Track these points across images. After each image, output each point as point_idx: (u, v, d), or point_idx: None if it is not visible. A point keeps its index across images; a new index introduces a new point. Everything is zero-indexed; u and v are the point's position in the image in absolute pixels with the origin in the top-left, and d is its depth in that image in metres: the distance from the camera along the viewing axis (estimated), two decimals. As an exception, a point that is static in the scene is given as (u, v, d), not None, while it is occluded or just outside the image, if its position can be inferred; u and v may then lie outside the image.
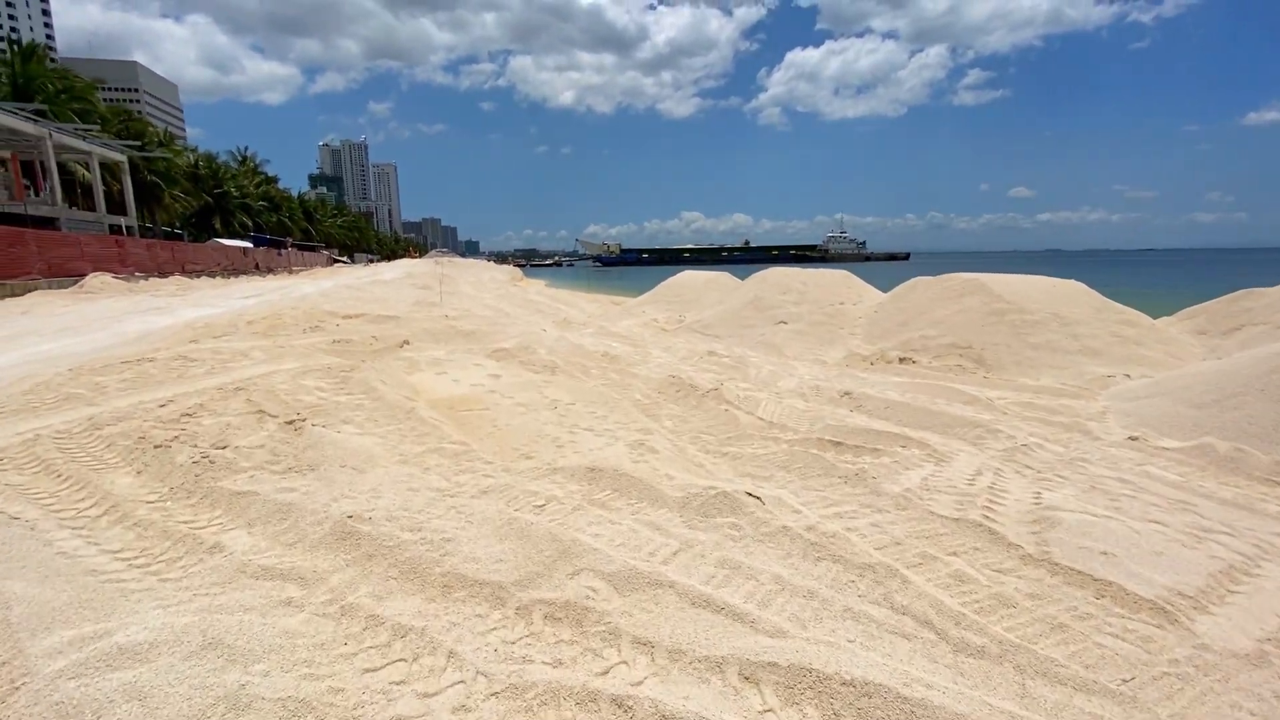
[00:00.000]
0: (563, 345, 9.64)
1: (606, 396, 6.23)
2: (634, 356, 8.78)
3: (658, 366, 8.02)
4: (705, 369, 8.00)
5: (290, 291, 19.34)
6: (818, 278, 12.94)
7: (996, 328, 8.89)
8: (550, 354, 8.76)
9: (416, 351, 8.37)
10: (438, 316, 12.66)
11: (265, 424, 4.23)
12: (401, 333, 9.92)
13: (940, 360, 8.56)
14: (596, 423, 5.24)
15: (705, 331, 12.17)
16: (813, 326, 11.07)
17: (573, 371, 7.58)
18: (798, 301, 12.02)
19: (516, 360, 8.14)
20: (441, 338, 10.04)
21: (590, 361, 8.32)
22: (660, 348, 9.92)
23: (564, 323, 14.80)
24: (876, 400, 5.89)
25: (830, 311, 11.54)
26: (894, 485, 3.68)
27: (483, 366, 7.47)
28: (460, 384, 6.43)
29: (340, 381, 5.66)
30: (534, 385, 6.63)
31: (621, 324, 15.40)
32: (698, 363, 8.49)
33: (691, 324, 13.06)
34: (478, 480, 3.56)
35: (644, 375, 7.37)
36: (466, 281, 32.72)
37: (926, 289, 11.04)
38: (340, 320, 11.13)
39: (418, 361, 7.30)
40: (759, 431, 5.02)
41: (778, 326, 11.22)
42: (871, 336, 10.49)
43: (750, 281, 13.86)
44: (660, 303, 19.91)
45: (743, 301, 12.70)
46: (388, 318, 11.61)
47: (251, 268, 36.60)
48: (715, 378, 7.40)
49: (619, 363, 8.21)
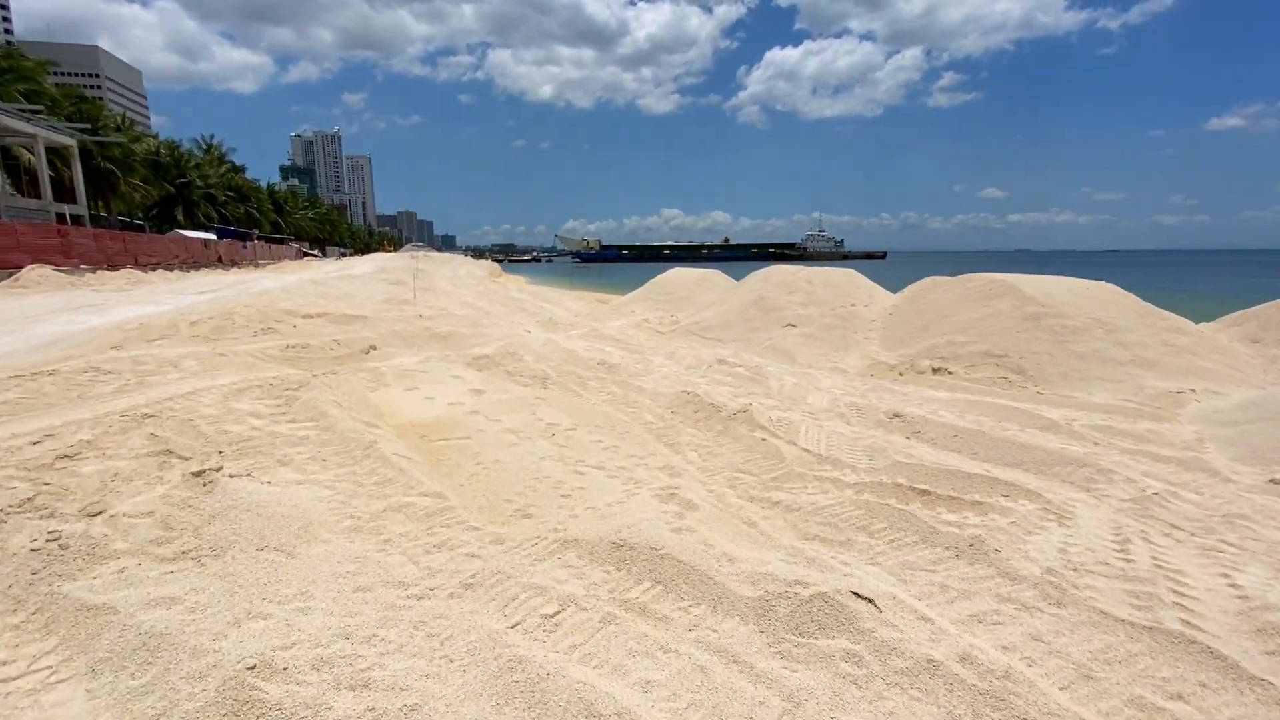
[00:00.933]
0: (552, 351, 8.57)
1: (612, 419, 5.20)
2: (635, 365, 7.76)
3: (664, 378, 7.00)
4: (719, 381, 7.00)
5: (250, 287, 17.88)
6: (824, 276, 12.04)
7: (1034, 334, 8.04)
8: (539, 361, 7.69)
9: (384, 359, 7.25)
10: (410, 316, 11.48)
11: (168, 473, 3.13)
12: (368, 335, 8.76)
13: (976, 370, 7.68)
14: (607, 457, 4.21)
15: (705, 335, 11.19)
16: (824, 330, 10.15)
17: (567, 384, 6.53)
18: (805, 303, 11.10)
19: (501, 370, 7.06)
20: (414, 341, 8.90)
21: (586, 371, 7.28)
22: (662, 354, 8.90)
23: (549, 323, 13.72)
24: (936, 425, 4.95)
25: (841, 314, 10.63)
26: (1026, 562, 2.73)
27: (462, 379, 6.37)
28: (435, 403, 5.35)
29: (283, 403, 4.54)
30: (524, 403, 5.58)
31: (611, 324, 14.37)
32: (708, 373, 7.49)
33: (689, 326, 12.07)
34: (458, 563, 2.52)
35: (651, 389, 6.35)
36: (443, 277, 31.36)
37: (946, 290, 10.19)
38: (299, 320, 9.91)
39: (384, 374, 6.18)
40: (808, 468, 4.05)
41: (786, 330, 10.29)
42: (890, 341, 9.61)
43: (751, 280, 12.91)
44: (650, 301, 18.88)
45: (745, 302, 11.74)
46: (354, 318, 10.42)
47: (214, 261, 34.64)
48: (731, 391, 6.42)
49: (619, 373, 7.18)
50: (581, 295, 26.80)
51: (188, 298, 14.02)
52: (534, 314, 16.21)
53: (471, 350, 8.42)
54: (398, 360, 7.23)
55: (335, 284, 18.96)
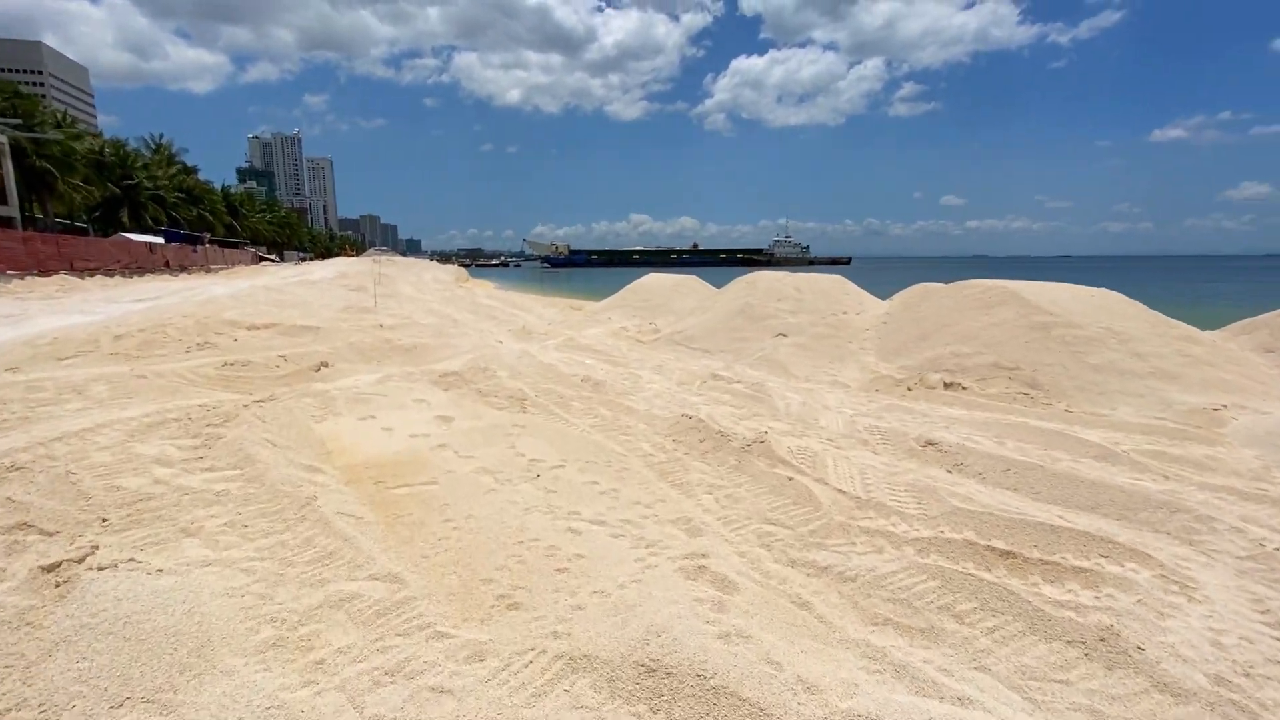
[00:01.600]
0: (528, 365, 7.77)
1: (605, 451, 4.44)
2: (622, 382, 7.01)
3: (657, 397, 6.28)
4: (718, 400, 6.30)
5: (196, 294, 16.58)
6: (812, 283, 11.49)
7: (1045, 345, 7.56)
8: (515, 378, 6.89)
9: (337, 378, 6.36)
10: (370, 326, 10.53)
11: (13, 562, 2.27)
12: (321, 349, 7.83)
13: (987, 384, 7.15)
14: (606, 505, 3.46)
15: (691, 344, 10.51)
16: (816, 340, 9.57)
17: (549, 406, 5.75)
18: (795, 310, 10.52)
19: (473, 390, 6.23)
20: (373, 356, 8.01)
21: (569, 390, 6.50)
22: (649, 368, 8.17)
23: (523, 332, 12.88)
24: (978, 455, 4.33)
25: (833, 322, 10.07)
26: (1180, 663, 2.07)
27: (427, 402, 5.54)
28: (395, 435, 4.52)
29: (202, 444, 3.67)
30: (500, 432, 4.78)
31: (588, 333, 13.60)
32: (704, 391, 6.79)
33: (672, 335, 11.38)
34: (420, 707, 1.74)
35: (644, 411, 5.62)
36: (407, 282, 30.15)
37: (943, 298, 9.71)
38: (242, 332, 8.90)
39: (335, 398, 5.30)
40: (849, 516, 3.37)
41: (777, 340, 9.67)
42: (887, 352, 9.07)
43: (735, 287, 12.28)
44: (627, 308, 18.15)
45: (731, 310, 11.10)
46: (306, 328, 9.44)
47: (160, 266, 32.65)
48: (734, 413, 5.73)
49: (606, 392, 6.42)
50: (553, 301, 25.91)
51: (122, 306, 12.76)
52: (505, 322, 15.34)
53: (438, 365, 7.56)
54: (353, 379, 6.35)
55: (290, 290, 17.76)
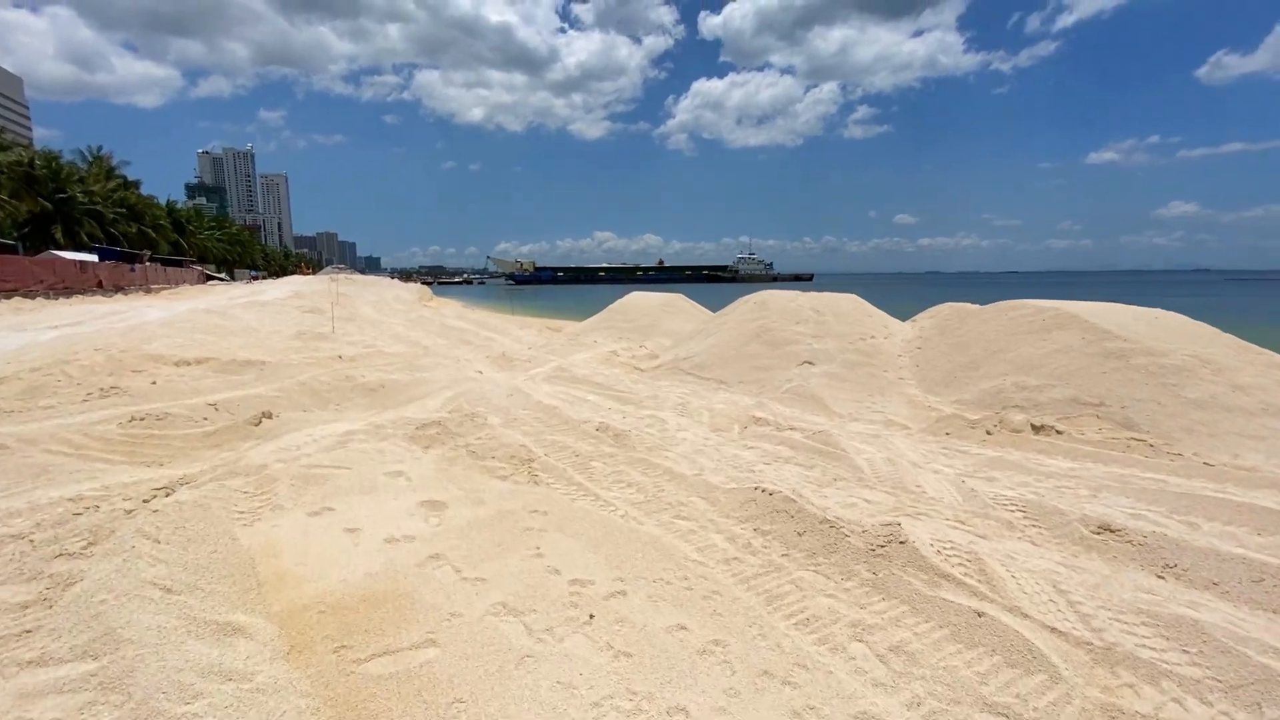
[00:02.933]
0: (523, 407, 6.37)
1: (672, 555, 3.10)
2: (646, 430, 5.67)
3: (699, 453, 4.96)
4: (776, 455, 5.00)
5: (124, 319, 14.59)
6: (831, 304, 10.36)
7: (1127, 376, 6.53)
8: (511, 426, 5.49)
9: (283, 433, 4.87)
10: (327, 358, 8.96)
11: None
12: (265, 392, 6.28)
13: (1075, 424, 6.05)
14: (722, 689, 2.12)
15: (702, 374, 9.23)
16: (849, 369, 8.41)
17: (566, 470, 4.39)
18: (818, 334, 9.35)
19: (462, 449, 4.81)
20: (331, 398, 6.50)
21: (583, 442, 5.13)
22: (670, 408, 6.83)
23: (503, 359, 11.43)
24: (1184, 549, 3.13)
25: (862, 348, 8.94)
26: None
27: (405, 476, 4.09)
28: (363, 540, 3.09)
29: (38, 601, 2.19)
30: (514, 525, 3.39)
31: (576, 358, 12.22)
32: (752, 440, 5.49)
33: (676, 362, 10.08)
34: None
35: (692, 477, 4.29)
36: (367, 302, 28.27)
37: (986, 320, 8.68)
38: (168, 370, 7.26)
39: (277, 477, 3.80)
40: (1103, 688, 2.12)
41: (804, 369, 8.47)
42: (932, 383, 7.96)
43: (744, 307, 11.07)
44: (613, 329, 16.82)
45: (744, 334, 9.87)
46: (248, 364, 7.83)
47: (92, 286, 29.89)
48: (806, 475, 4.45)
49: (633, 445, 5.07)
50: (527, 322, 24.37)
51: (26, 335, 10.84)
52: (481, 347, 13.83)
53: (413, 410, 6.11)
54: (304, 437, 4.86)
55: (236, 314, 15.89)
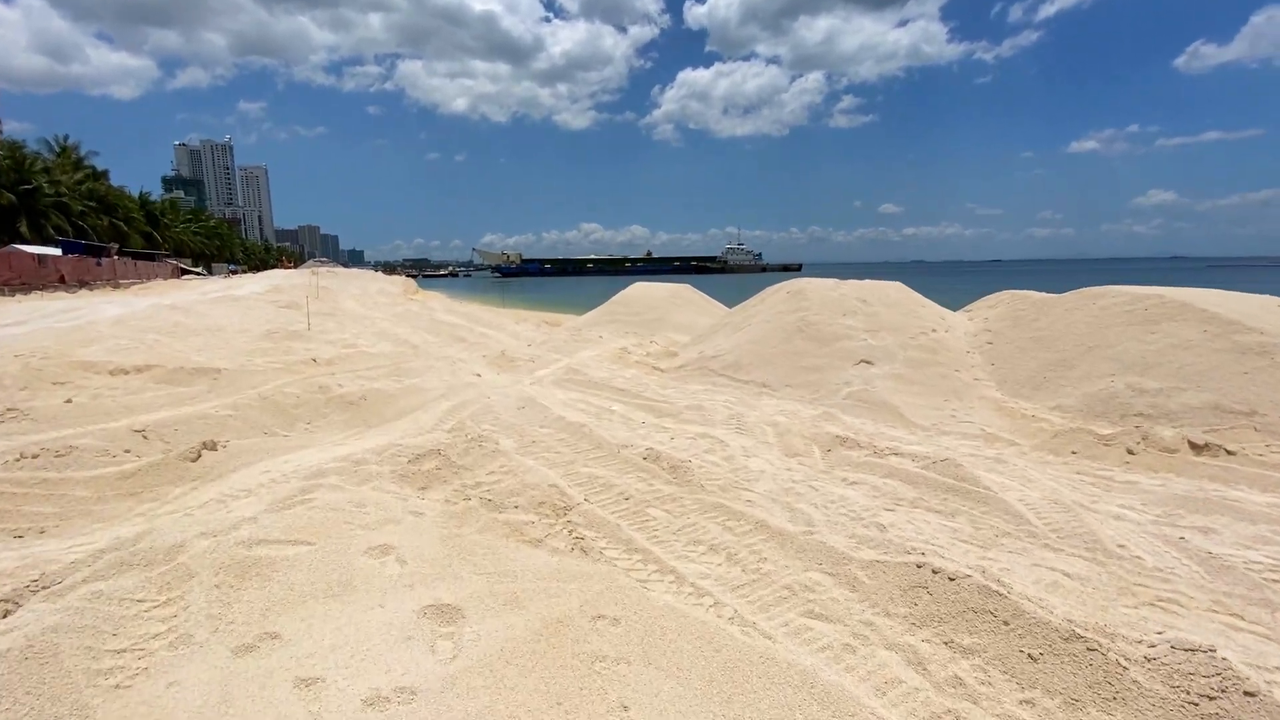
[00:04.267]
0: (539, 423, 5.08)
1: (848, 712, 1.87)
2: (705, 457, 4.40)
3: (791, 493, 3.71)
4: (898, 495, 3.75)
5: (77, 317, 13.07)
6: (877, 293, 9.14)
7: (1274, 376, 5.38)
8: (529, 452, 4.22)
9: (225, 474, 3.55)
10: (300, 362, 7.60)
11: None
12: (214, 411, 4.95)
13: (1229, 437, 4.87)
14: None
15: (737, 375, 7.98)
16: (914, 368, 7.20)
17: (618, 526, 3.13)
18: (871, 328, 8.12)
19: (473, 496, 3.53)
20: (299, 417, 5.18)
21: (631, 477, 3.87)
22: (722, 422, 5.55)
23: (503, 360, 10.11)
24: None
25: (926, 344, 7.73)
26: None
27: (394, 555, 2.76)
28: (324, 716, 1.83)
29: None
30: (567, 648, 2.12)
31: (582, 356, 10.93)
32: (848, 468, 4.25)
33: (703, 360, 8.81)
34: None
35: (802, 537, 3.05)
36: (350, 296, 26.70)
37: (1071, 310, 7.50)
38: (100, 380, 5.88)
39: (194, 570, 2.46)
40: None
41: (862, 369, 7.25)
42: (1015, 384, 6.78)
43: (776, 298, 9.80)
44: (617, 323, 15.52)
45: (783, 328, 8.61)
46: (201, 372, 6.45)
47: (53, 281, 28.05)
48: (955, 530, 3.23)
49: (698, 482, 3.81)
50: (522, 315, 22.96)
51: (-50, 338, 9.36)
52: (476, 345, 12.48)
53: (402, 434, 4.81)
54: (255, 478, 3.56)
55: (204, 311, 14.40)
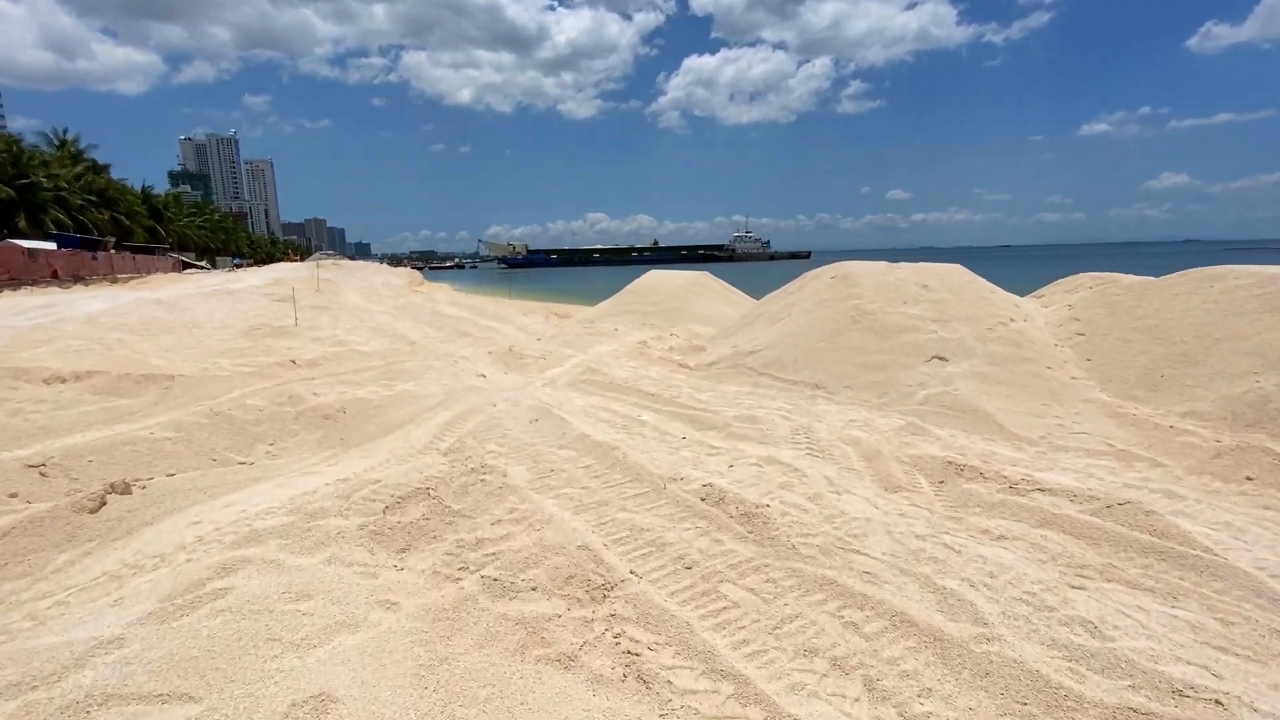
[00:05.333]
0: (556, 441, 4.00)
1: None
2: (783, 496, 3.32)
3: (919, 558, 2.61)
4: (1085, 564, 2.65)
5: (52, 313, 12.09)
6: (938, 277, 7.97)
7: None
8: (545, 485, 3.15)
9: (134, 533, 2.52)
10: (277, 364, 6.56)
11: None
12: (144, 434, 3.91)
13: None
14: None
15: (782, 374, 6.87)
16: (999, 365, 6.07)
17: (687, 621, 2.09)
18: (938, 317, 6.98)
19: (471, 570, 2.47)
20: (259, 437, 4.13)
21: (688, 530, 2.78)
22: (786, 439, 4.45)
23: (511, 356, 9.05)
24: None
25: (1007, 336, 6.58)
26: None
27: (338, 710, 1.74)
28: None
29: None
30: None
31: (598, 351, 9.86)
32: (982, 512, 3.16)
33: (738, 356, 7.70)
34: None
35: (974, 649, 1.95)
36: (353, 289, 25.69)
37: (1182, 295, 6.34)
38: (29, 391, 4.85)
39: None
40: None
41: (937, 366, 6.14)
42: (1126, 383, 5.66)
43: (819, 284, 8.65)
44: (633, 314, 14.40)
45: (832, 319, 7.47)
46: (150, 379, 5.39)
47: (45, 276, 27.18)
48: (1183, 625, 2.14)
49: (784, 540, 2.73)
50: (529, 306, 21.89)
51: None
52: (481, 340, 11.42)
53: (384, 456, 3.76)
54: (169, 540, 2.51)
55: (189, 305, 13.41)
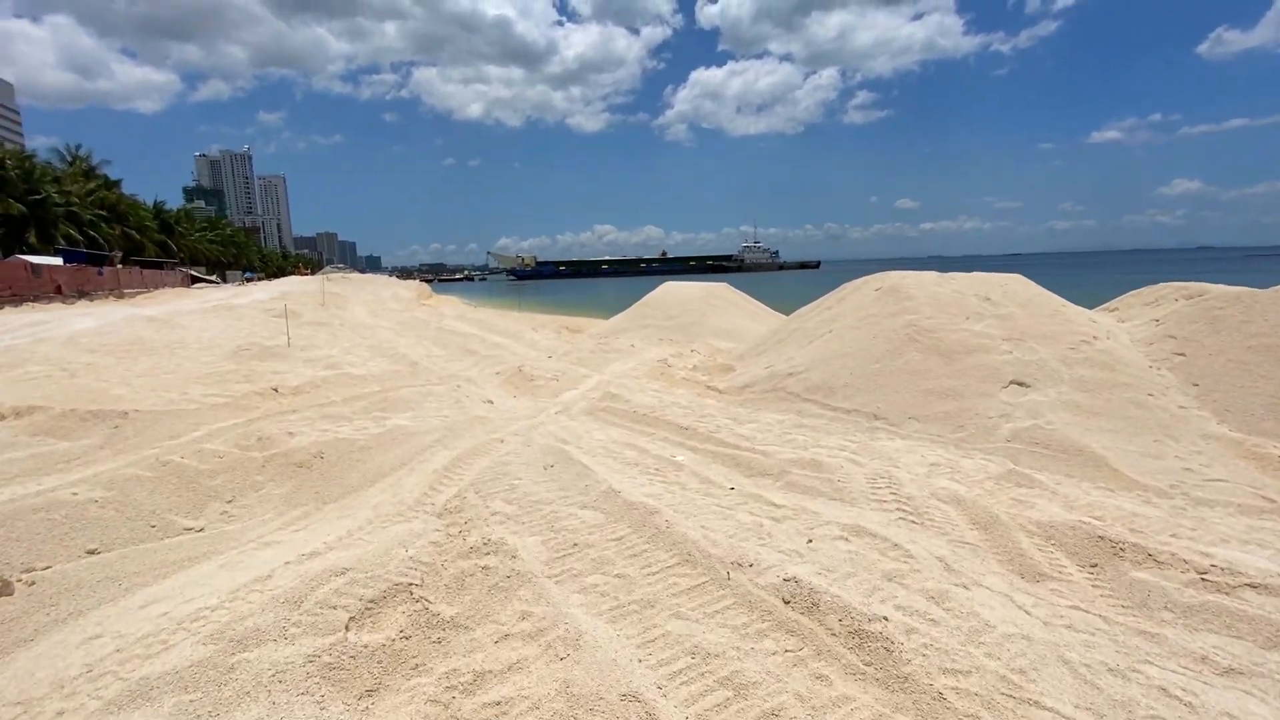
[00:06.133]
0: (577, 500, 3.13)
1: None
2: (889, 586, 2.46)
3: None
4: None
5: (34, 331, 11.40)
6: (1000, 288, 7.07)
7: None
8: (564, 572, 2.31)
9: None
10: (254, 394, 5.77)
11: None
12: (66, 496, 3.11)
13: None
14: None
15: (831, 402, 6.00)
16: (1091, 393, 5.17)
17: None
18: (1011, 335, 6.08)
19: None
20: (216, 494, 3.33)
21: (782, 664, 1.90)
22: (872, 497, 3.54)
23: (521, 378, 8.22)
24: None
25: (1095, 357, 5.67)
26: None
27: None
28: None
29: None
30: None
31: (615, 370, 9.04)
32: (1176, 616, 2.27)
33: (778, 380, 6.83)
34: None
35: None
36: (360, 302, 25.05)
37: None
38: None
39: None
40: None
41: (1016, 393, 5.24)
42: (1247, 413, 4.74)
43: (863, 297, 7.75)
44: (648, 328, 13.56)
45: (884, 336, 6.58)
46: (98, 416, 4.59)
47: (50, 292, 26.75)
48: None
49: (922, 688, 1.91)
50: (539, 320, 21.11)
51: None
52: (488, 358, 10.61)
53: (358, 530, 2.90)
54: (38, 680, 1.73)
55: (182, 323, 12.71)
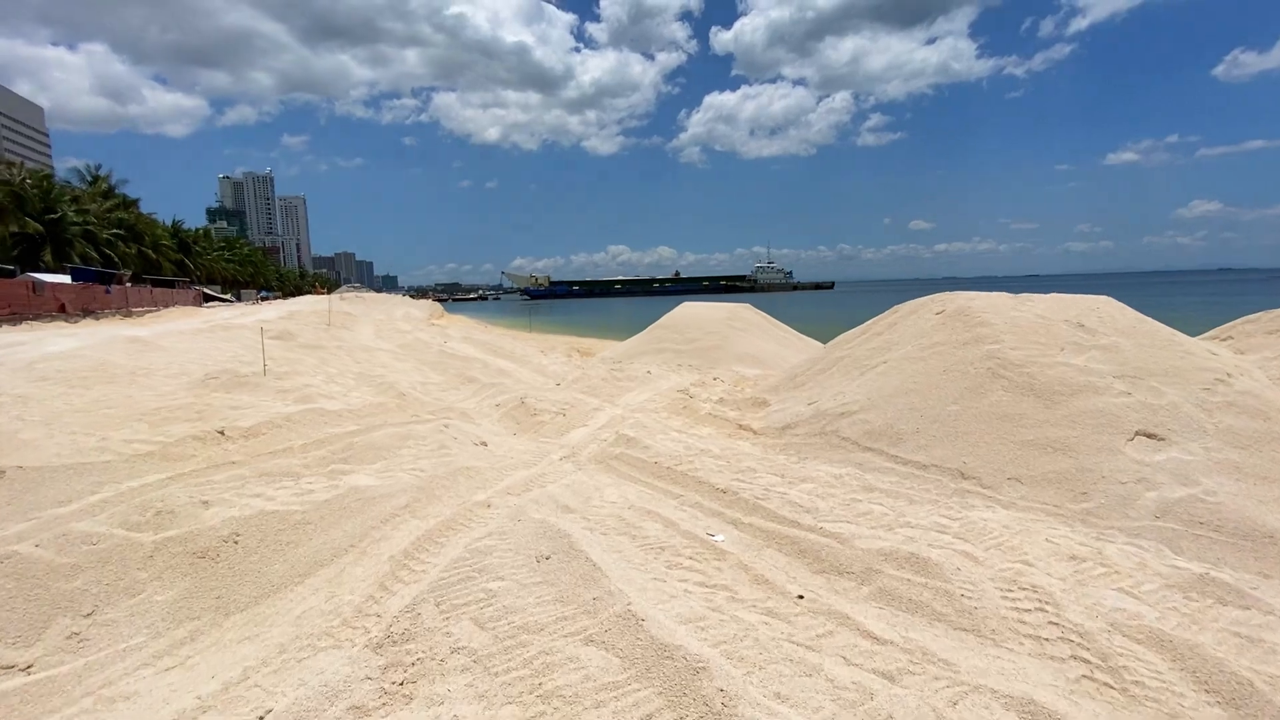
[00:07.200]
0: (584, 631, 2.08)
1: None
2: None
3: None
4: None
5: (6, 354, 10.64)
6: (1092, 313, 5.91)
7: None
8: None
9: None
10: (191, 439, 4.74)
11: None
12: None
13: None
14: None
15: (901, 454, 4.86)
16: (1246, 448, 4.01)
17: None
18: (1123, 371, 4.93)
19: None
20: (60, 612, 2.25)
21: None
22: (1017, 629, 2.34)
23: (522, 412, 7.17)
24: None
25: (1238, 401, 4.50)
26: None
27: None
28: None
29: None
30: None
31: (630, 401, 7.97)
32: None
33: (827, 422, 5.72)
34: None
35: None
36: (370, 322, 24.27)
37: None
38: None
39: None
40: None
41: (1146, 449, 4.09)
42: None
43: (926, 322, 6.62)
44: (665, 352, 12.49)
45: (962, 370, 5.45)
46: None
47: (52, 310, 26.28)
48: None
49: None
50: (550, 342, 20.14)
51: None
52: (490, 386, 9.59)
53: (255, 679, 1.90)
54: None
55: (164, 345, 11.84)
